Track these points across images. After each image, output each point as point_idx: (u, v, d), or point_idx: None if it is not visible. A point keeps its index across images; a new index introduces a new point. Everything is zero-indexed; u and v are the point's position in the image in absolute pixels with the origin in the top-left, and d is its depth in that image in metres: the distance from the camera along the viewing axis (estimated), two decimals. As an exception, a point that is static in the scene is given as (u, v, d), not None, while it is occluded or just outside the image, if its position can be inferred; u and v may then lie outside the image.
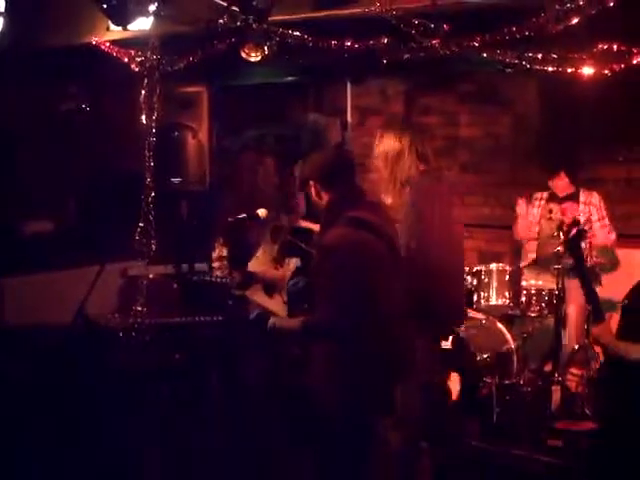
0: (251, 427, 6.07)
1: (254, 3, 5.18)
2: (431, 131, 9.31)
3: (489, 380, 6.84)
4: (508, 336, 7.12)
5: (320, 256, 4.59)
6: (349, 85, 9.58)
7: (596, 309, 4.88)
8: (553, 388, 6.97)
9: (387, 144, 5.60)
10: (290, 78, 8.55)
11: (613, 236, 7.52)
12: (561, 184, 7.69)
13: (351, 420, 4.49)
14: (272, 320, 4.80)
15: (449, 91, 9.21)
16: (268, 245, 6.56)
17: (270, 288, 6.37)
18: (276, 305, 6.34)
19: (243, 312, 6.01)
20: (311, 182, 4.67)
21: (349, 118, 9.68)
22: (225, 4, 5.45)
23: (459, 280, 5.56)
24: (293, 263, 6.41)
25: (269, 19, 5.79)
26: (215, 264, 6.50)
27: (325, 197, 4.63)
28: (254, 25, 5.30)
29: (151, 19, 5.69)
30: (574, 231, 4.73)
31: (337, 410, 4.50)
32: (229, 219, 5.80)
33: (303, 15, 6.01)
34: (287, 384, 6.12)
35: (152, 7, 5.41)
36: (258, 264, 6.49)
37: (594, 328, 4.87)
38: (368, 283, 4.46)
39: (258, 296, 6.34)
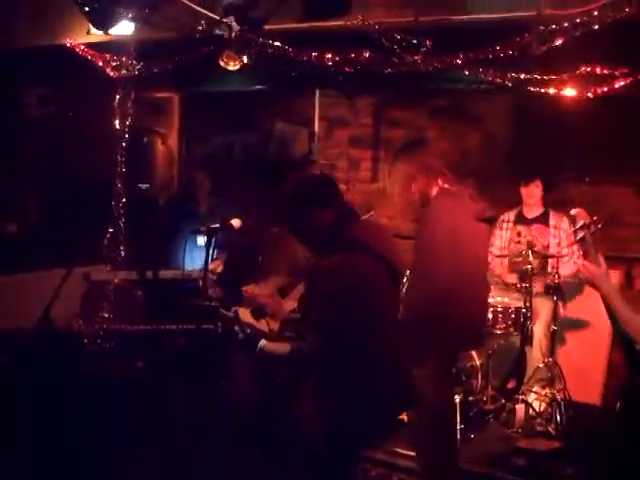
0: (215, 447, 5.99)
1: (250, 14, 5.12)
2: (399, 145, 9.32)
3: (454, 396, 6.84)
4: (473, 353, 7.10)
5: (313, 284, 4.41)
6: (317, 95, 9.55)
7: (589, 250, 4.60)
8: (517, 407, 6.99)
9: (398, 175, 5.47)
10: (259, 86, 8.49)
11: (581, 261, 7.51)
12: (536, 192, 7.71)
13: (338, 453, 4.34)
14: (263, 342, 4.68)
15: (418, 106, 9.21)
16: (280, 274, 6.46)
17: (258, 312, 6.29)
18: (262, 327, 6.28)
19: (231, 328, 5.94)
20: (306, 208, 4.42)
21: (316, 128, 9.65)
22: (212, 15, 5.39)
23: (481, 298, 5.40)
24: (291, 304, 6.32)
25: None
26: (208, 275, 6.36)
27: (324, 219, 4.40)
28: (250, 36, 5.23)
29: (132, 24, 5.61)
30: (580, 223, 4.58)
31: (325, 443, 4.31)
32: (201, 228, 5.71)
33: (285, 26, 5.96)
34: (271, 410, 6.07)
35: (136, 12, 5.33)
36: (258, 288, 6.41)
37: (589, 267, 4.42)
38: (362, 312, 4.28)
39: (245, 317, 6.27)
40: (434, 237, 5.14)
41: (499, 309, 7.12)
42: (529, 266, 7.10)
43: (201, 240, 6.39)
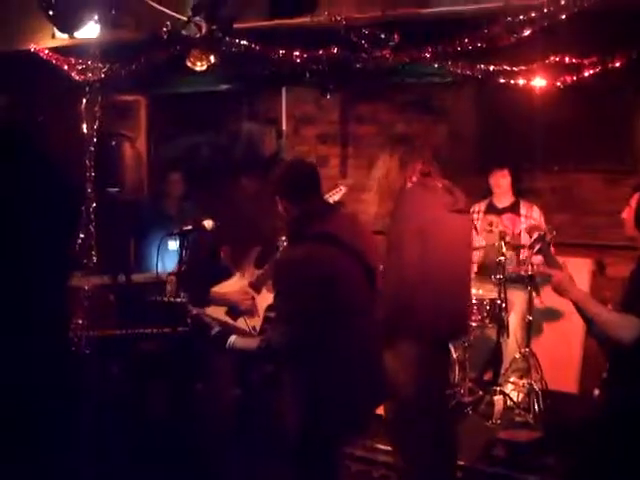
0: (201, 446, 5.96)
1: (220, 13, 5.08)
2: (367, 141, 9.31)
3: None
4: (449, 345, 7.10)
5: (278, 274, 4.53)
6: (284, 93, 9.52)
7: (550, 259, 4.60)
8: (495, 398, 7.01)
9: (378, 166, 5.39)
10: (226, 86, 8.44)
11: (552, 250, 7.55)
12: (503, 181, 7.75)
13: (315, 450, 4.41)
14: (232, 338, 4.71)
15: (385, 101, 9.18)
16: (250, 269, 6.47)
17: (233, 310, 6.27)
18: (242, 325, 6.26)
19: (202, 328, 5.90)
20: (277, 197, 4.56)
21: (284, 127, 9.62)
22: (179, 16, 5.35)
23: (459, 290, 5.34)
24: (268, 298, 6.30)
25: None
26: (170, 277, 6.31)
27: (292, 212, 4.52)
28: (219, 35, 5.19)
29: (98, 27, 5.54)
30: (536, 235, 4.62)
31: (299, 431, 4.41)
32: (174, 231, 5.67)
33: (252, 24, 5.93)
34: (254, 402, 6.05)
35: (102, 14, 5.27)
36: (229, 286, 6.39)
37: (553, 272, 4.30)
38: (331, 301, 4.33)
39: (222, 317, 6.23)
40: (404, 230, 5.11)
41: (474, 301, 7.12)
42: (502, 257, 7.11)
43: (172, 244, 6.37)
